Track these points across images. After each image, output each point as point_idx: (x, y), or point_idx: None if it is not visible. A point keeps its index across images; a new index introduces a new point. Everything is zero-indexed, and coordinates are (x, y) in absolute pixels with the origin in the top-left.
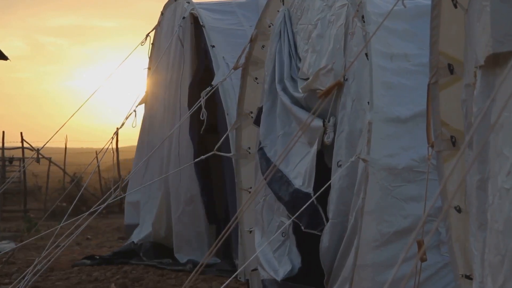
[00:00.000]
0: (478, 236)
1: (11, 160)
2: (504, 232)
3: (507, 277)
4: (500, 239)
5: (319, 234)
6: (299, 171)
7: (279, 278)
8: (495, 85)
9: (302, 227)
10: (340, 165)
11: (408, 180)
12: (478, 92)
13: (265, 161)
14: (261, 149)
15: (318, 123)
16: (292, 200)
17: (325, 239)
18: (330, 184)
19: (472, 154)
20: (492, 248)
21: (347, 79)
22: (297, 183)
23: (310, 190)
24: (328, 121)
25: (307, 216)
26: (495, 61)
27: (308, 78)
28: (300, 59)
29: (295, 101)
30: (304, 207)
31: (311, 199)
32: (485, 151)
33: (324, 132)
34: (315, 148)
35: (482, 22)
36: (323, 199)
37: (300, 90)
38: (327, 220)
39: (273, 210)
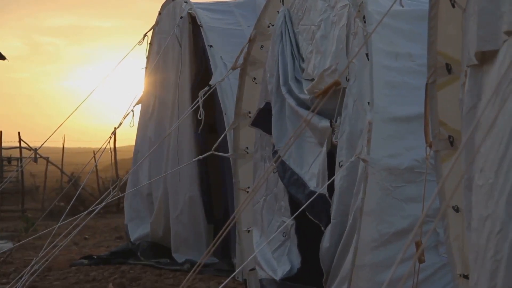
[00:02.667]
0: (468, 236)
1: (9, 160)
2: (477, 229)
3: (479, 274)
4: (474, 236)
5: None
6: (313, 172)
7: (277, 278)
8: (482, 83)
9: (323, 228)
10: (342, 165)
11: (409, 180)
12: (466, 91)
13: (281, 164)
14: (275, 153)
15: (325, 123)
16: (310, 202)
17: (326, 239)
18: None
19: (458, 153)
20: (471, 245)
21: (349, 79)
22: (312, 184)
23: (324, 191)
24: (336, 121)
25: (326, 216)
26: (482, 59)
27: (313, 79)
28: (303, 60)
29: (301, 103)
30: (306, 204)
31: (315, 194)
32: (473, 150)
33: (332, 132)
34: (324, 148)
35: (473, 21)
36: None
37: (305, 92)
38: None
39: (274, 210)
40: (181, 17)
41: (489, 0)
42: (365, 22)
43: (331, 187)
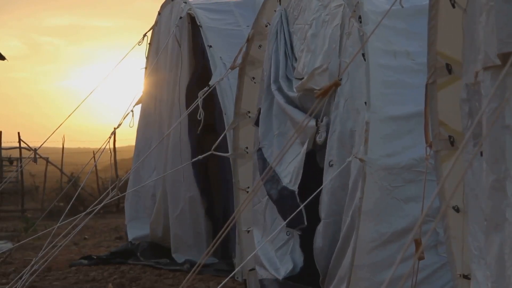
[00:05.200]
0: (493, 236)
1: (11, 160)
2: None
3: None
4: None
5: (299, 233)
6: (289, 170)
7: (280, 277)
8: (506, 85)
9: (284, 223)
10: (332, 165)
11: (409, 180)
12: (486, 93)
13: (262, 162)
14: (259, 150)
15: (311, 122)
16: (280, 198)
17: (319, 239)
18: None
19: (475, 152)
20: None
21: (340, 79)
22: (285, 181)
23: (295, 188)
24: (321, 121)
25: (290, 214)
26: (504, 61)
27: (302, 78)
28: (296, 59)
29: (290, 101)
30: (305, 203)
31: (313, 194)
32: (500, 151)
33: (317, 132)
34: (305, 147)
35: (491, 22)
36: (315, 199)
37: (294, 90)
38: (319, 220)
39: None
40: (180, 17)
41: (506, 1)
42: (360, 22)
43: (309, 187)
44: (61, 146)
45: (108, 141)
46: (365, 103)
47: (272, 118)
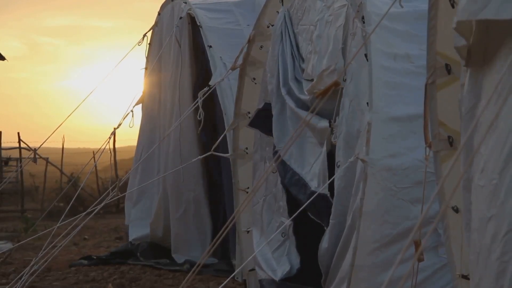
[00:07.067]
0: (466, 235)
1: (6, 161)
2: (478, 229)
3: (481, 275)
4: (475, 237)
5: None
6: (314, 172)
7: (277, 278)
8: (483, 84)
9: (325, 227)
10: (339, 166)
11: (417, 181)
12: (466, 91)
13: (281, 164)
14: (276, 153)
15: (324, 124)
16: (311, 202)
17: (325, 240)
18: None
19: (457, 154)
20: (471, 246)
21: (345, 79)
22: (313, 185)
23: (325, 191)
24: (334, 122)
25: (328, 216)
26: (482, 60)
27: (312, 79)
28: (303, 60)
29: (301, 104)
30: (305, 205)
31: (314, 195)
32: (470, 151)
33: (331, 133)
34: (324, 148)
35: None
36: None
37: (305, 92)
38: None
39: (273, 210)
40: (180, 18)
41: None
42: (364, 22)
43: (333, 187)
44: (61, 146)
45: (108, 141)
46: (367, 103)
47: (287, 120)
